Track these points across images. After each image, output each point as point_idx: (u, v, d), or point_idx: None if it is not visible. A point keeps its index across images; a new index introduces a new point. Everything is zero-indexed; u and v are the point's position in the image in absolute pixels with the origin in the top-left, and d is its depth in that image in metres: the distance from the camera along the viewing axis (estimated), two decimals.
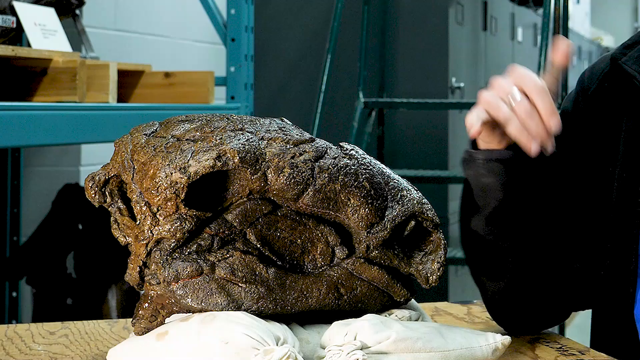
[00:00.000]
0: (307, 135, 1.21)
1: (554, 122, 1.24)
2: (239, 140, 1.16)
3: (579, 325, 6.68)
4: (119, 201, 1.19)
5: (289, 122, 1.24)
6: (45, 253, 3.18)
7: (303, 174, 1.16)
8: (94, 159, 3.54)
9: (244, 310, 1.15)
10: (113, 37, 3.67)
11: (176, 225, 1.15)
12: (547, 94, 1.24)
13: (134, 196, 1.16)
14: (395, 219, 1.19)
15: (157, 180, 1.14)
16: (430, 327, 1.17)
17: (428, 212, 1.21)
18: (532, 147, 1.24)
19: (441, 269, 1.20)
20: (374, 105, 4.53)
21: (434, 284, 1.21)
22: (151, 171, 1.15)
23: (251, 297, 1.15)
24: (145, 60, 3.54)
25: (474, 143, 1.34)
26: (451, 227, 4.50)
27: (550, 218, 1.39)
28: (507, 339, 1.19)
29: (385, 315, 1.21)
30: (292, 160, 1.16)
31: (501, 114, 1.25)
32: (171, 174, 1.14)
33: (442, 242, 1.22)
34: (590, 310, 1.47)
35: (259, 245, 1.17)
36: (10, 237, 3.39)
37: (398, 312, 1.22)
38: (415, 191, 1.23)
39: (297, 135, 1.20)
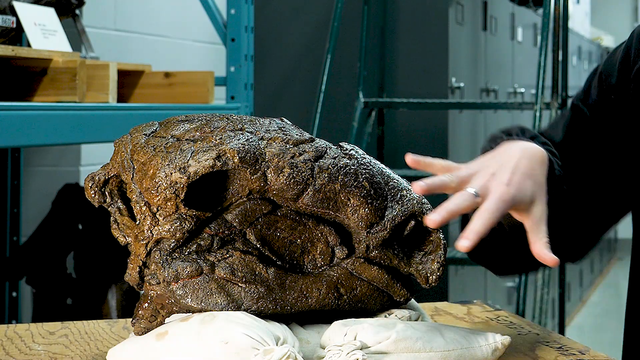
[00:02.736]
0: (307, 135, 1.21)
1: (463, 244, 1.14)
2: (238, 140, 1.16)
3: (579, 325, 6.68)
4: (118, 201, 1.19)
5: (288, 122, 1.24)
6: (45, 253, 3.18)
7: (303, 174, 1.16)
8: (94, 159, 3.54)
9: (244, 310, 1.15)
10: (113, 37, 3.67)
11: (176, 225, 1.15)
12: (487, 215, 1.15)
13: (134, 196, 1.16)
14: (395, 219, 1.19)
15: (156, 180, 1.14)
16: (430, 327, 1.17)
17: (428, 212, 1.21)
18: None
19: (441, 269, 1.20)
20: (374, 105, 4.53)
21: (433, 284, 1.21)
22: (151, 171, 1.15)
23: (251, 297, 1.15)
24: (145, 60, 3.54)
25: None
26: (451, 227, 4.49)
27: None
28: (507, 338, 1.18)
29: (385, 315, 1.21)
30: (292, 160, 1.16)
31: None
32: (171, 174, 1.14)
33: (442, 242, 1.22)
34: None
35: (258, 245, 1.17)
36: (10, 237, 3.39)
37: (398, 312, 1.22)
38: None
39: (297, 135, 1.20)
